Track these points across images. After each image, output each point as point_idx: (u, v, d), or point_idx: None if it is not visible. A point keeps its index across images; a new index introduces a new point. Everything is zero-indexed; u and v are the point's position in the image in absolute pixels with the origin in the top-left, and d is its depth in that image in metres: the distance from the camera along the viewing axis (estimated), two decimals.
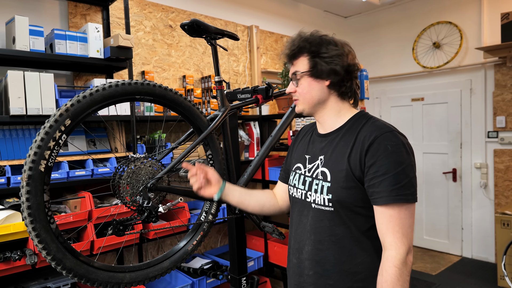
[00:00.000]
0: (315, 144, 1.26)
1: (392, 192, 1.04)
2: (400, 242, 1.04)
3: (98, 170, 2.19)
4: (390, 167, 1.05)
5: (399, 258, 1.03)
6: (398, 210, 1.05)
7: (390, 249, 1.05)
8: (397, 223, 1.05)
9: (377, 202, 1.07)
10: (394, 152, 1.06)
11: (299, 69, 1.20)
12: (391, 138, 1.08)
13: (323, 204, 1.15)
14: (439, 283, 3.64)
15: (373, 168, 1.07)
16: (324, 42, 1.17)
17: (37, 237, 1.05)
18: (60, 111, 1.09)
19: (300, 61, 1.20)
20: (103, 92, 1.16)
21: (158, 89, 1.29)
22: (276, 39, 4.01)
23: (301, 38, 1.18)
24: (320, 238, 1.16)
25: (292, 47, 1.20)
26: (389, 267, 1.04)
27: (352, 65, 1.17)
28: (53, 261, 1.08)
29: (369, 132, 1.11)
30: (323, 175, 1.17)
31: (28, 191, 1.03)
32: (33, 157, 1.04)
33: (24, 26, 2.02)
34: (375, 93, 4.98)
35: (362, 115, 1.20)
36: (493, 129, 4.01)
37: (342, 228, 1.13)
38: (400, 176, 1.05)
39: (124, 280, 1.24)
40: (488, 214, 4.10)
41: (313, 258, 1.17)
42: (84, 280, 1.14)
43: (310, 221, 1.19)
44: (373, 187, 1.07)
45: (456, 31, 4.20)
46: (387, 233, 1.06)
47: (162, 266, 1.37)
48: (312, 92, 1.19)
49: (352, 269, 1.13)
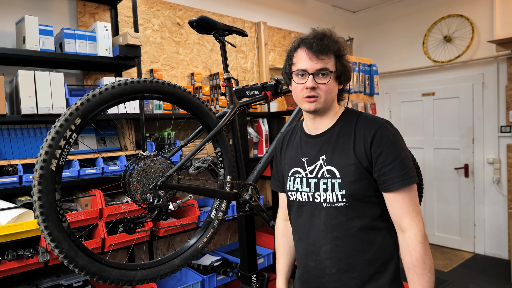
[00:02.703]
0: (308, 146, 1.27)
1: (404, 176, 1.11)
2: (417, 220, 1.12)
3: (108, 168, 2.20)
4: (397, 154, 1.13)
5: (421, 235, 1.11)
6: (408, 191, 1.13)
7: (410, 229, 1.12)
8: (410, 203, 1.13)
9: (391, 188, 1.13)
10: (396, 141, 1.14)
11: (330, 68, 1.18)
12: (389, 128, 1.16)
13: (336, 201, 1.17)
14: (451, 280, 3.60)
15: (381, 157, 1.13)
16: (344, 46, 1.22)
17: (49, 235, 1.05)
18: (70, 110, 1.09)
19: (329, 59, 1.18)
20: (112, 90, 1.16)
21: (166, 87, 1.29)
22: (284, 35, 3.98)
23: (331, 36, 1.19)
24: (337, 234, 1.18)
25: (325, 41, 1.17)
26: (416, 245, 1.10)
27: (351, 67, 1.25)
28: (65, 259, 1.08)
29: (367, 125, 1.18)
30: (330, 174, 1.19)
31: (40, 190, 1.04)
32: (44, 156, 1.05)
33: (34, 26, 2.03)
34: (384, 89, 4.93)
35: (350, 112, 1.26)
36: (506, 123, 3.94)
37: (357, 220, 1.17)
38: (406, 160, 1.13)
39: (136, 277, 1.24)
40: (501, 210, 4.03)
41: (334, 256, 1.19)
42: (96, 278, 1.14)
43: (324, 220, 1.19)
44: (384, 175, 1.13)
45: (467, 24, 4.13)
46: (403, 215, 1.13)
47: (173, 264, 1.37)
48: (333, 93, 1.22)
49: (372, 257, 1.17)
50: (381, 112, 4.93)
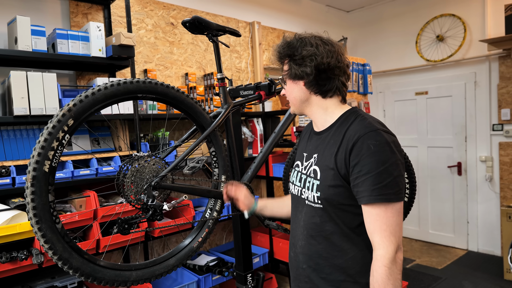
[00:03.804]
0: (311, 142, 1.30)
1: (374, 191, 1.04)
2: (388, 241, 1.04)
3: (103, 169, 2.20)
4: (372, 166, 1.04)
5: (388, 257, 1.03)
6: (384, 209, 1.05)
7: (378, 248, 1.05)
8: (383, 221, 1.05)
9: (361, 201, 1.08)
10: (378, 152, 1.05)
11: (284, 74, 1.26)
12: (375, 137, 1.07)
13: (313, 201, 1.19)
14: (445, 277, 3.64)
15: (357, 167, 1.07)
16: (300, 44, 1.19)
17: (43, 237, 1.05)
18: (62, 111, 1.09)
19: (284, 64, 1.26)
20: (105, 91, 1.16)
21: (160, 87, 1.29)
22: (278, 35, 3.99)
23: (283, 44, 1.24)
24: (312, 233, 1.20)
25: (276, 53, 1.27)
26: (379, 267, 1.04)
27: (325, 63, 1.16)
28: (59, 260, 1.08)
29: (354, 131, 1.11)
30: (314, 173, 1.20)
31: (33, 192, 1.03)
32: (37, 158, 1.04)
33: (26, 26, 2.02)
34: (378, 88, 4.95)
35: (352, 113, 1.20)
36: (498, 122, 3.98)
37: (331, 225, 1.16)
38: (382, 175, 1.04)
39: (131, 278, 1.24)
40: (493, 207, 4.07)
41: (306, 253, 1.22)
42: (91, 279, 1.14)
43: (304, 217, 1.24)
44: (357, 187, 1.08)
45: (459, 23, 4.16)
46: (374, 232, 1.06)
47: (168, 264, 1.37)
48: (293, 93, 1.24)
49: (343, 264, 1.15)
50: (375, 111, 4.96)
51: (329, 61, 1.17)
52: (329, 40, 1.22)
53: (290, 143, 3.16)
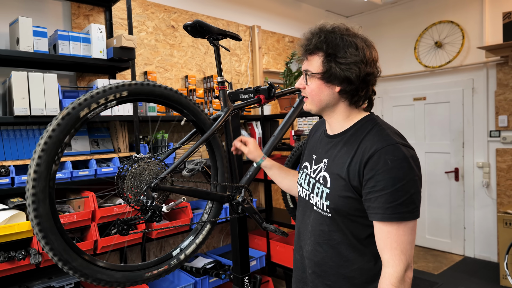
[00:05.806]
0: (322, 144, 1.24)
1: (388, 210, 0.99)
2: (397, 259, 1.00)
3: (102, 170, 2.20)
4: (388, 183, 0.99)
5: (396, 276, 0.99)
6: (396, 226, 1.00)
7: (387, 266, 1.02)
8: (394, 239, 1.00)
9: (373, 217, 1.04)
10: (394, 168, 0.99)
11: (311, 69, 1.12)
12: (393, 151, 1.01)
13: (322, 209, 1.15)
14: (441, 283, 3.64)
15: (370, 182, 1.01)
16: (344, 44, 1.07)
17: (43, 238, 1.06)
18: (62, 114, 1.10)
19: (314, 59, 1.11)
20: (104, 94, 1.17)
21: (158, 89, 1.30)
22: (278, 39, 4.02)
23: (320, 37, 1.08)
24: (319, 240, 1.17)
25: (308, 44, 1.11)
26: (386, 285, 1.01)
27: (370, 73, 1.08)
28: (60, 261, 1.09)
29: (371, 142, 1.05)
30: (324, 180, 1.15)
31: (34, 194, 1.04)
32: (37, 160, 1.05)
33: (28, 27, 2.03)
34: (377, 93, 4.96)
35: (369, 120, 1.13)
36: (495, 128, 4.01)
37: (339, 234, 1.12)
38: (398, 193, 0.99)
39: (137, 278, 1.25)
40: (490, 213, 4.09)
41: (312, 259, 1.20)
42: (91, 279, 1.15)
43: (311, 222, 1.21)
44: (369, 202, 1.03)
45: (457, 30, 4.20)
46: (384, 249, 1.02)
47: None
48: (321, 95, 1.13)
49: (349, 274, 1.12)
50: None
51: (372, 71, 1.09)
52: (371, 43, 1.12)
53: (288, 146, 3.17)
